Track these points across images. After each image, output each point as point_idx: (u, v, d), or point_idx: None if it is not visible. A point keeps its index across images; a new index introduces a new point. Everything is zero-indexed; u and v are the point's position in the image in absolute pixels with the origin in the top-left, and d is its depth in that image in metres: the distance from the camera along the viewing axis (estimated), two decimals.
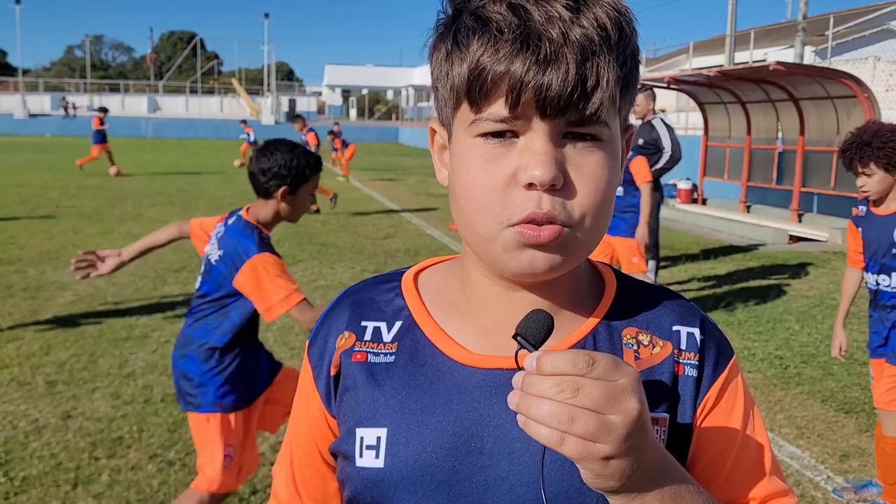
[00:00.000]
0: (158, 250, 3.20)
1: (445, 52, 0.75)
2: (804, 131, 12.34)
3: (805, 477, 3.71)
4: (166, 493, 3.37)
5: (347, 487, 0.84)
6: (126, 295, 6.91)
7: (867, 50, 22.72)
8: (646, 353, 0.82)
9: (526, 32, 0.69)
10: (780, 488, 0.84)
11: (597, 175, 0.74)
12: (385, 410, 0.81)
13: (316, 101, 69.07)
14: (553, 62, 0.69)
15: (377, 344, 0.85)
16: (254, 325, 2.83)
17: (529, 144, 0.72)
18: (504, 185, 0.73)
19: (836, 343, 3.61)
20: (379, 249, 9.74)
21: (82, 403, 4.36)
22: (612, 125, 0.75)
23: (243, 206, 2.86)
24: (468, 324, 0.84)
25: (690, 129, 19.51)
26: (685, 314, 0.86)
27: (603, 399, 0.62)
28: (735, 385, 0.84)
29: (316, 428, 0.89)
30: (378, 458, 0.80)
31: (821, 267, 9.04)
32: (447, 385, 0.81)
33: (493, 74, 0.70)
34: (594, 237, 0.77)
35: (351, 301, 0.90)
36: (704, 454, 0.83)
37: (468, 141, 0.75)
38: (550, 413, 0.61)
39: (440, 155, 0.85)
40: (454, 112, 0.77)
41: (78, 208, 12.88)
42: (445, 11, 0.77)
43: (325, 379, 0.87)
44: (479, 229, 0.76)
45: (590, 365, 0.62)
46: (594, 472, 0.64)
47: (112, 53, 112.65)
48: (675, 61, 32.48)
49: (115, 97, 62.66)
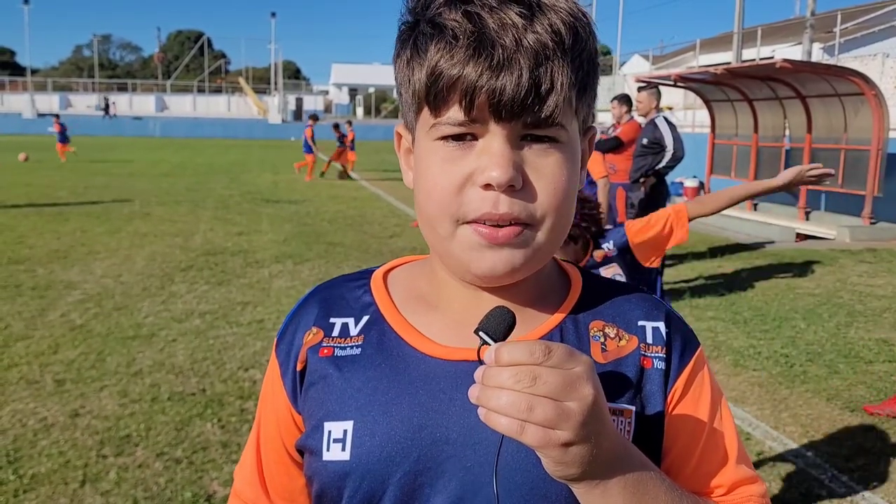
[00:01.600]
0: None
1: (406, 59, 0.78)
2: (811, 129, 12.29)
3: (810, 475, 3.71)
4: (173, 490, 3.40)
5: (315, 482, 0.85)
6: (134, 294, 6.94)
7: (876, 46, 22.63)
8: (612, 346, 0.84)
9: (480, 39, 0.72)
10: (748, 475, 0.86)
11: (555, 176, 0.76)
12: (352, 403, 0.82)
13: (323, 99, 69.14)
14: (506, 67, 0.71)
15: (344, 339, 0.86)
16: None
17: (487, 147, 0.74)
18: (460, 186, 0.75)
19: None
20: (385, 248, 9.77)
21: (90, 402, 4.39)
22: (570, 127, 0.77)
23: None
24: (435, 318, 0.86)
25: (697, 126, 19.45)
26: (650, 309, 0.88)
27: (560, 386, 0.63)
28: (702, 376, 0.86)
29: (283, 424, 0.89)
30: (344, 450, 0.81)
31: (828, 265, 9.01)
32: (413, 376, 0.82)
33: (448, 79, 0.73)
34: (555, 237, 0.79)
35: (320, 298, 0.92)
36: (673, 444, 0.84)
37: (429, 144, 0.78)
38: (509, 403, 0.63)
39: (406, 158, 0.87)
40: (416, 116, 0.80)
41: (86, 207, 12.95)
42: (405, 20, 0.80)
43: (292, 374, 0.88)
44: (437, 229, 0.78)
45: (546, 354, 0.64)
46: (555, 459, 0.65)
47: (120, 53, 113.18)
48: (683, 59, 32.39)
49: (123, 96, 62.91)
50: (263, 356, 5.23)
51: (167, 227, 11.03)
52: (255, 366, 5.04)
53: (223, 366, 5.03)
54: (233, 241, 9.88)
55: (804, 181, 2.64)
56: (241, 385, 4.68)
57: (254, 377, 4.82)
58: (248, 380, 4.77)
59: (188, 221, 11.64)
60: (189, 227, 11.11)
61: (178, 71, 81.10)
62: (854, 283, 7.98)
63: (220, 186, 17.25)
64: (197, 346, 5.45)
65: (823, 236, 11.15)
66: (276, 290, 7.24)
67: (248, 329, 5.89)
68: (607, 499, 0.70)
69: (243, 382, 4.73)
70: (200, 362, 5.09)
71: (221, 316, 6.25)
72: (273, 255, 9.01)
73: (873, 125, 11.00)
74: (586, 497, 0.70)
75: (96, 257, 8.60)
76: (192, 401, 4.42)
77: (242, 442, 3.87)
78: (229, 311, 6.39)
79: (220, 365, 5.04)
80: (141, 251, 8.95)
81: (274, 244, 9.77)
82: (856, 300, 7.23)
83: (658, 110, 7.50)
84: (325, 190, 17.14)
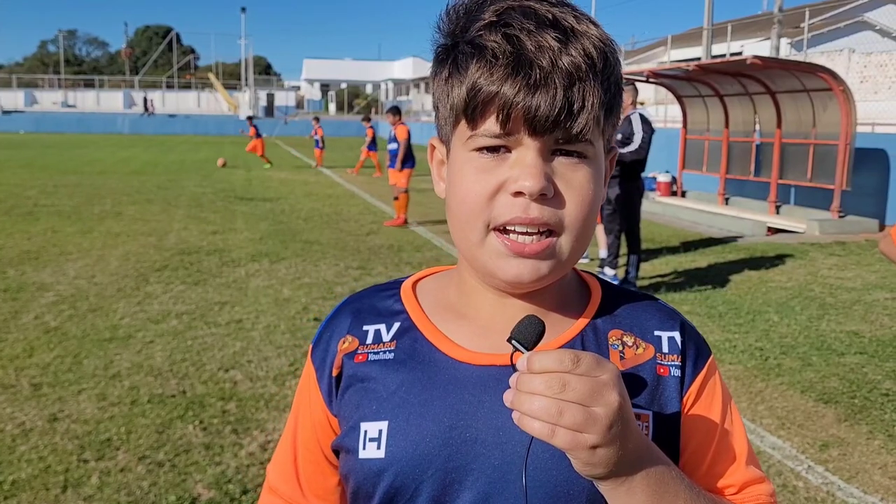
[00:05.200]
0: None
1: (446, 76, 0.83)
2: (781, 124, 12.49)
3: (786, 467, 3.79)
4: (157, 494, 3.38)
5: (351, 480, 0.90)
6: (108, 295, 6.86)
7: (842, 42, 23.01)
8: (630, 354, 0.89)
9: (518, 59, 0.77)
10: (757, 475, 0.92)
11: (583, 188, 0.82)
12: (386, 405, 0.87)
13: (295, 95, 68.63)
14: (542, 86, 0.76)
15: (377, 344, 0.92)
16: None
17: (521, 158, 0.79)
18: (493, 193, 0.80)
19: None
20: (363, 246, 9.75)
21: (68, 405, 4.34)
22: (597, 144, 0.83)
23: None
24: (463, 325, 0.91)
25: (669, 121, 19.63)
26: (665, 319, 0.93)
27: (587, 393, 0.68)
28: (713, 381, 0.92)
29: (319, 426, 0.94)
30: (379, 448, 0.86)
31: (799, 258, 9.17)
32: (444, 380, 0.87)
33: (486, 94, 0.78)
34: (579, 246, 0.84)
35: (353, 307, 0.97)
36: (688, 446, 0.89)
37: (464, 154, 0.83)
38: (541, 408, 0.67)
39: (439, 170, 0.93)
40: (453, 129, 0.85)
41: (56, 207, 12.75)
42: (443, 42, 0.85)
43: (328, 379, 0.93)
44: (468, 234, 0.83)
45: (575, 362, 0.68)
46: (583, 460, 0.70)
47: (86, 48, 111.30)
48: (653, 53, 32.66)
49: (90, 93, 61.87)
50: (243, 356, 5.21)
51: (140, 226, 10.90)
52: (236, 366, 5.01)
53: (203, 367, 4.99)
54: (208, 240, 9.80)
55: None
56: (221, 386, 4.66)
57: (234, 378, 4.80)
58: (229, 381, 4.75)
59: (161, 220, 11.51)
60: (162, 226, 10.99)
61: (147, 67, 79.98)
62: (824, 276, 8.13)
63: (192, 184, 17.08)
64: (175, 347, 5.41)
65: (794, 230, 11.34)
66: (253, 289, 7.20)
67: (227, 329, 5.86)
68: (632, 495, 0.74)
69: (224, 383, 4.70)
70: (179, 364, 5.05)
71: (199, 316, 6.20)
72: (249, 253, 8.96)
73: (841, 120, 11.20)
74: (612, 494, 0.75)
75: (69, 258, 8.49)
76: (172, 403, 4.39)
77: (225, 443, 3.86)
78: (207, 312, 6.34)
79: (200, 366, 5.01)
80: (114, 251, 8.85)
81: (250, 243, 9.71)
82: (826, 293, 7.37)
83: (635, 106, 7.61)
84: (299, 187, 17.04)
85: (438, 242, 10.05)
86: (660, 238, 10.56)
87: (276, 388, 4.65)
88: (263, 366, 5.05)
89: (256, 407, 4.35)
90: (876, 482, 3.66)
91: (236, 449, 3.81)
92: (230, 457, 3.72)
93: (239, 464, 3.65)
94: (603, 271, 7.59)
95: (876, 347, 5.65)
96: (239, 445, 3.85)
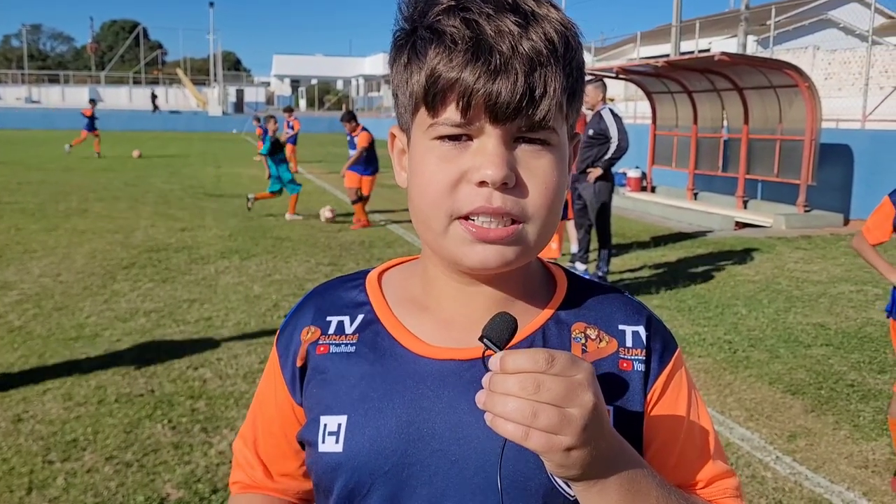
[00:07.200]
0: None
1: (404, 63, 0.81)
2: (748, 120, 12.65)
3: (755, 458, 3.84)
4: (125, 495, 3.33)
5: (312, 473, 0.90)
6: (74, 293, 6.74)
7: (807, 39, 23.34)
8: (593, 347, 0.88)
9: (478, 44, 0.75)
10: (723, 470, 0.91)
11: (547, 175, 0.80)
12: (346, 399, 0.87)
13: (265, 91, 67.98)
14: (503, 72, 0.74)
15: (340, 336, 0.91)
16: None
17: (482, 147, 0.77)
18: (455, 182, 0.78)
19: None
20: (333, 242, 9.69)
21: (33, 406, 4.26)
22: (560, 131, 0.81)
23: None
24: (427, 318, 0.90)
25: (639, 117, 19.79)
26: (631, 313, 0.91)
27: (562, 394, 0.66)
28: (679, 376, 0.90)
29: (283, 413, 0.95)
30: (338, 443, 0.85)
31: (766, 252, 9.30)
32: (403, 374, 0.86)
33: (446, 81, 0.76)
34: (545, 233, 0.82)
35: (317, 297, 0.97)
36: (654, 442, 0.88)
37: (425, 143, 0.81)
38: (515, 409, 0.65)
39: (399, 159, 0.90)
40: (413, 117, 0.83)
41: (20, 204, 12.50)
42: (402, 26, 0.82)
43: (291, 368, 0.93)
44: (431, 224, 0.81)
45: (549, 362, 0.66)
46: (557, 462, 0.68)
47: (51, 43, 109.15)
48: (623, 50, 32.87)
49: (55, 88, 60.73)
50: (213, 354, 5.15)
51: (106, 223, 10.73)
52: (205, 364, 4.95)
53: (171, 365, 4.93)
54: (176, 237, 9.67)
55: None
56: (190, 385, 4.60)
57: (203, 376, 4.74)
58: (198, 379, 4.69)
59: (128, 217, 11.34)
60: (129, 223, 10.83)
61: (113, 62, 78.70)
62: (791, 270, 8.26)
63: (160, 181, 16.85)
64: (143, 345, 5.33)
65: (761, 224, 11.50)
66: (223, 286, 7.12)
67: (196, 327, 5.79)
68: (604, 496, 0.73)
69: (193, 382, 4.64)
70: (147, 362, 4.98)
71: (167, 314, 6.12)
72: (218, 250, 8.86)
73: (807, 116, 11.37)
74: (584, 494, 0.73)
75: (33, 256, 8.32)
76: (140, 402, 4.32)
77: (195, 442, 3.81)
78: (175, 309, 6.26)
79: (169, 365, 4.94)
80: (80, 249, 8.69)
81: (219, 239, 9.60)
82: (793, 286, 7.49)
83: (604, 102, 7.63)
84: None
85: (410, 238, 10.02)
86: (630, 233, 10.63)
87: (246, 385, 4.60)
88: (233, 363, 4.99)
89: (226, 405, 4.30)
90: (842, 471, 3.72)
91: (206, 448, 3.77)
92: (199, 456, 3.68)
93: (209, 463, 3.61)
94: (574, 266, 7.63)
95: (841, 339, 5.75)
96: (208, 444, 3.80)
